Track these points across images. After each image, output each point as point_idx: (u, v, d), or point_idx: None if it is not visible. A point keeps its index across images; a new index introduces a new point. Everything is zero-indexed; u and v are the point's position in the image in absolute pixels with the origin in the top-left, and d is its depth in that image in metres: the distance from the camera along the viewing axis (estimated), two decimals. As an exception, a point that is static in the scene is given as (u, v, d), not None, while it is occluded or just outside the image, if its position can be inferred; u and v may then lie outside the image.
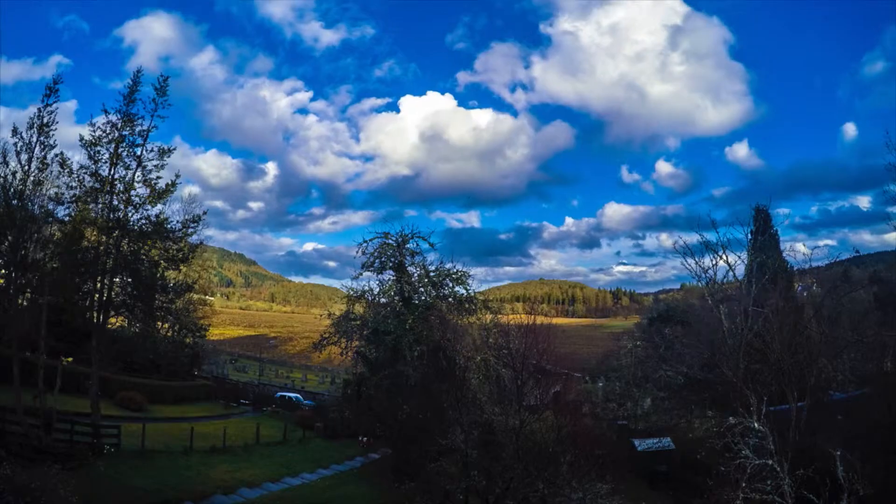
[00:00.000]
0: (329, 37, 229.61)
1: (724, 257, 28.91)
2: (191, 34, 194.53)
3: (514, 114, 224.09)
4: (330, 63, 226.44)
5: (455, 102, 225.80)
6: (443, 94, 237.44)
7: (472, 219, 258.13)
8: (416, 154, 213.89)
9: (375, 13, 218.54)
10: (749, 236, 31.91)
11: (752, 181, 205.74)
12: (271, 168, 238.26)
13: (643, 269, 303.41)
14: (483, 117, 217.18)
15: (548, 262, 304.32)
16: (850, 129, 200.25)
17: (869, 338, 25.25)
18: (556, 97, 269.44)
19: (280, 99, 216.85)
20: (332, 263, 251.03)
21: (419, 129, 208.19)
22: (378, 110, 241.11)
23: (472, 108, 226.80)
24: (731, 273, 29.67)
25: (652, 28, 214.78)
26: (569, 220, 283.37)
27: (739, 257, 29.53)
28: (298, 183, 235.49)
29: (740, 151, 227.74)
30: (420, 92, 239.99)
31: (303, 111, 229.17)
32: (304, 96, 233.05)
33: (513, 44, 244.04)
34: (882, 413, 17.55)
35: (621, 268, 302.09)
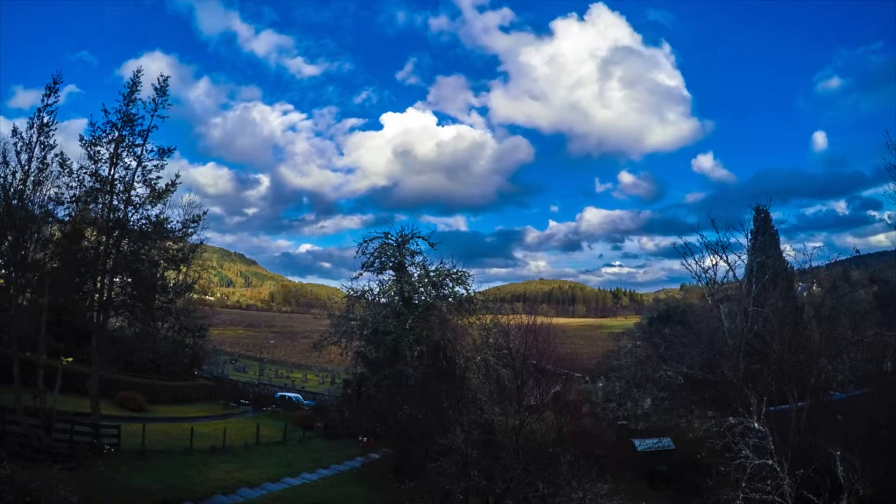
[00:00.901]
0: (311, 70, 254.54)
1: (724, 257, 28.94)
2: (185, 72, 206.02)
3: (480, 129, 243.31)
4: (314, 90, 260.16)
5: (435, 119, 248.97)
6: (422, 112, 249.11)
7: (459, 222, 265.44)
8: (392, 167, 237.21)
9: (351, 48, 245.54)
10: (749, 236, 31.95)
11: (720, 189, 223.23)
12: (264, 179, 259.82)
13: (631, 270, 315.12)
14: (449, 133, 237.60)
15: (536, 265, 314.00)
16: (817, 140, 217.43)
17: (869, 338, 25.25)
18: (511, 119, 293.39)
19: (269, 120, 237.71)
20: (326, 264, 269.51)
21: (394, 144, 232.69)
22: (360, 129, 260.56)
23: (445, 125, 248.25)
24: (731, 273, 29.71)
25: (599, 54, 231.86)
26: (552, 224, 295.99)
27: (739, 257, 29.57)
28: (289, 192, 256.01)
29: (706, 163, 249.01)
30: (401, 109, 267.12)
31: (292, 128, 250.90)
32: (291, 118, 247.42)
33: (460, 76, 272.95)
34: (882, 413, 17.54)
35: (609, 269, 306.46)
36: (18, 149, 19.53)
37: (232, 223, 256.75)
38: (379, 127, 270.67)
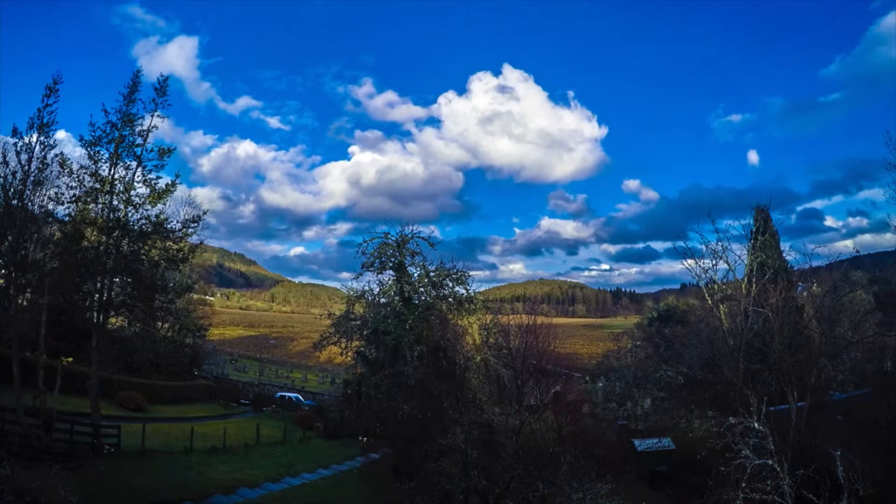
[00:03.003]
0: (279, 124, 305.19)
1: (724, 257, 28.95)
2: (180, 129, 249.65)
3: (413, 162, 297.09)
4: (286, 136, 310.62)
5: (374, 156, 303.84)
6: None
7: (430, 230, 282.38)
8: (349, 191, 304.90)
9: (315, 106, 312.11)
10: (749, 236, 31.92)
11: (653, 203, 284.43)
12: (252, 198, 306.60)
13: (596, 272, 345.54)
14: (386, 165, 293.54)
15: (507, 269, 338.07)
16: (727, 160, 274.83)
17: (869, 338, 25.27)
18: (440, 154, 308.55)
19: (253, 156, 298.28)
20: (313, 266, 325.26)
21: (347, 174, 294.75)
22: (320, 164, 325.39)
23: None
24: (731, 273, 29.71)
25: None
26: (518, 231, 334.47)
27: (739, 257, 29.57)
28: (273, 209, 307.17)
29: (632, 185, 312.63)
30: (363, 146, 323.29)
31: (274, 160, 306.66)
32: (270, 154, 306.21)
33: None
34: (882, 413, 17.56)
35: (585, 273, 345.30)
36: (18, 149, 19.51)
37: (227, 231, 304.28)
38: (340, 158, 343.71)
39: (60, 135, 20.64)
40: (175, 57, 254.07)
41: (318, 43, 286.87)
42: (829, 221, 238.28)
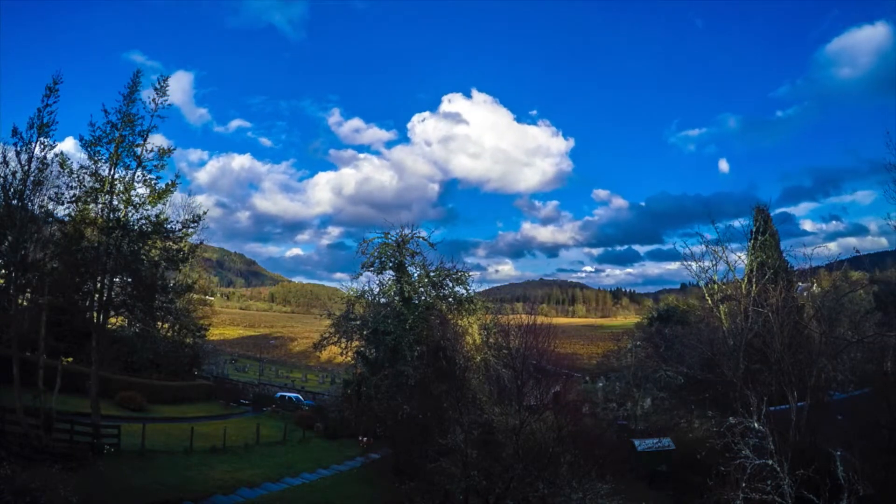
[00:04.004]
0: (269, 142, 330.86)
1: (724, 257, 28.96)
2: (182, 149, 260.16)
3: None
4: (277, 152, 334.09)
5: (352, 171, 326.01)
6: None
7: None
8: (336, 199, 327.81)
9: (299, 126, 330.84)
10: (749, 236, 31.95)
11: (621, 211, 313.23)
12: (246, 204, 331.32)
13: (584, 274, 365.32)
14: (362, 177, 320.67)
15: (494, 270, 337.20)
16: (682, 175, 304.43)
17: (869, 338, 25.26)
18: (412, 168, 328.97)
19: (247, 168, 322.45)
20: (307, 267, 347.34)
21: (330, 185, 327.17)
22: (307, 176, 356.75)
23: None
24: (731, 273, 29.72)
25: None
26: (500, 234, 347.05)
27: (739, 257, 29.57)
28: (267, 215, 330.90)
29: (602, 193, 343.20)
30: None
31: (266, 171, 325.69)
32: (265, 168, 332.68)
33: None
34: (882, 413, 17.53)
35: (574, 275, 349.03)
36: (18, 149, 19.50)
37: (224, 235, 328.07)
38: (326, 169, 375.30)
39: (68, 144, 20.67)
40: (173, 90, 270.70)
41: (292, 77, 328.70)
42: (808, 226, 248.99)
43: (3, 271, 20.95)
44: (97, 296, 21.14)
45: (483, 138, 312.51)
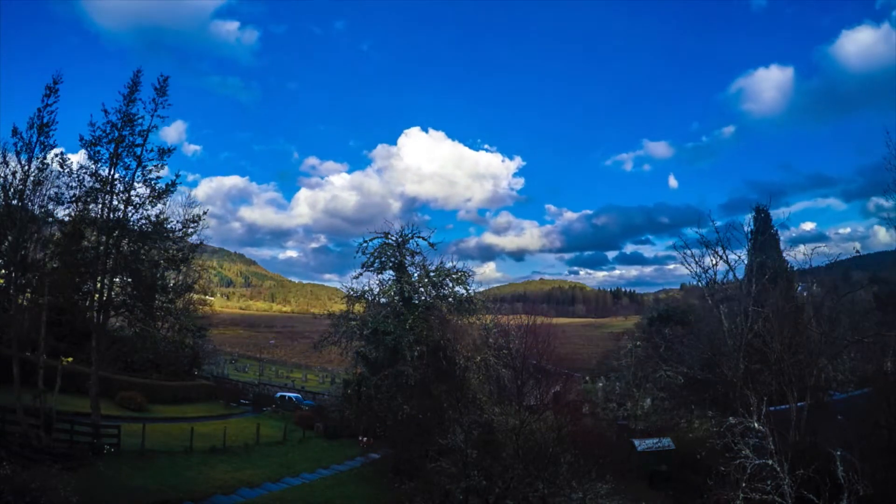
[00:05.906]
0: (254, 167, 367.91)
1: (724, 257, 28.92)
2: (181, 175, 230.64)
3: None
4: (262, 175, 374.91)
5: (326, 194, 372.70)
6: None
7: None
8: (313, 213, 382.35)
9: (275, 157, 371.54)
10: (749, 236, 31.94)
11: (574, 222, 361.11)
12: (237, 216, 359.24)
13: (561, 277, 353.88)
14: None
15: (479, 270, 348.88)
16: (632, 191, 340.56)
17: (869, 338, 25.24)
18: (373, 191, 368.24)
19: (239, 188, 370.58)
20: (298, 269, 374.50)
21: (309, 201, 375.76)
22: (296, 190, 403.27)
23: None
24: (731, 273, 29.68)
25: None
26: (475, 240, 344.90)
27: (739, 257, 29.54)
28: (258, 225, 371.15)
29: (552, 208, 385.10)
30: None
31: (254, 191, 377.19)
32: (251, 186, 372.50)
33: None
34: (882, 413, 17.53)
35: (552, 278, 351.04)
36: (18, 149, 19.50)
37: (219, 241, 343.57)
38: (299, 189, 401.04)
39: (67, 144, 20.63)
40: (170, 136, 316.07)
41: (257, 125, 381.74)
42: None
43: (3, 271, 20.96)
44: (97, 296, 21.13)
45: (432, 164, 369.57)
